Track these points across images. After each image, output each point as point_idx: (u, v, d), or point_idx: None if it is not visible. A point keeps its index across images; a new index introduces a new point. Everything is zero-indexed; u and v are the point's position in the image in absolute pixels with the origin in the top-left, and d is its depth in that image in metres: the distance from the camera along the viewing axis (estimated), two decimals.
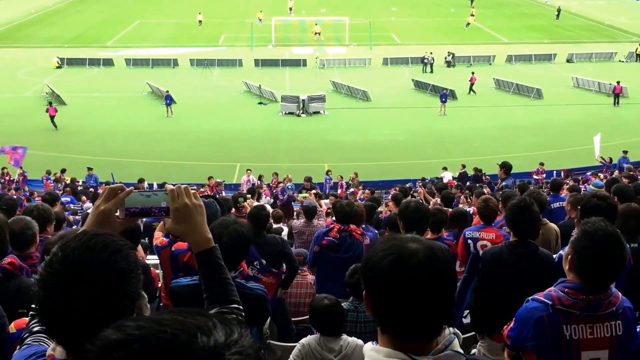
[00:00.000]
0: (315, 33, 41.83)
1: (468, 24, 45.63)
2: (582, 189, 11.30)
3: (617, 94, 27.94)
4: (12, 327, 2.77)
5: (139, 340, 0.82)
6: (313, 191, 13.44)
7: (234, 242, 2.94)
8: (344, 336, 3.63)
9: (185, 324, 0.84)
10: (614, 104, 27.83)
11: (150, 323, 0.84)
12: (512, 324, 2.67)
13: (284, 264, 5.47)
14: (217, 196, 8.23)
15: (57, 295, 1.32)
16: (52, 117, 24.32)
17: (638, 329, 2.52)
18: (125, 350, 0.81)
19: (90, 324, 1.23)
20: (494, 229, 5.17)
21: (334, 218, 6.15)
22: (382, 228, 8.04)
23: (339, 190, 17.46)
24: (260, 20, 44.04)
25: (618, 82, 28.11)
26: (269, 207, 9.15)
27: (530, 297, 2.62)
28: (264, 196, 15.95)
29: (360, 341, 3.59)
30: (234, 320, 0.90)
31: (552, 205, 7.10)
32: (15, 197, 9.27)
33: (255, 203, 10.38)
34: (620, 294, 2.54)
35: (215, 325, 0.85)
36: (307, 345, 3.62)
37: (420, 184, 16.04)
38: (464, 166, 18.71)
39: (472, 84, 29.50)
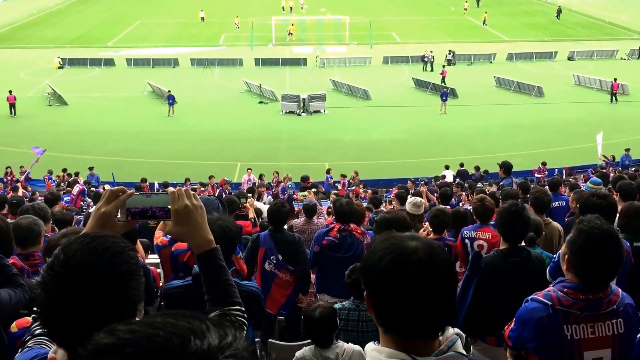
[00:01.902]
0: (289, 33, 41.75)
1: (484, 22, 45.43)
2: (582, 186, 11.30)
3: (614, 92, 27.84)
4: (14, 327, 2.77)
5: (131, 345, 0.81)
6: (313, 189, 13.40)
7: (220, 240, 2.94)
8: (340, 343, 3.59)
9: (178, 327, 0.83)
10: (611, 101, 27.77)
11: (142, 327, 0.82)
12: (512, 325, 2.65)
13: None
14: (224, 196, 8.22)
15: (58, 298, 1.32)
16: (12, 105, 25.69)
17: None
18: (117, 355, 0.80)
19: (91, 327, 1.24)
20: (490, 229, 5.14)
21: (334, 217, 6.13)
22: None
23: (340, 188, 17.44)
24: (237, 26, 44.12)
25: (615, 80, 28.05)
26: (261, 204, 9.15)
27: (529, 297, 2.59)
28: (266, 195, 15.92)
29: (356, 347, 3.56)
30: (229, 323, 0.88)
31: (552, 204, 7.08)
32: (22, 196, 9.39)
33: (256, 202, 10.38)
34: (620, 291, 2.51)
35: (209, 328, 0.84)
36: (302, 359, 3.59)
37: (423, 182, 15.98)
38: (462, 165, 18.68)
39: (443, 77, 30.37)
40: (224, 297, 1.89)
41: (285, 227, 8.35)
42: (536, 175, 18.37)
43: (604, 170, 16.35)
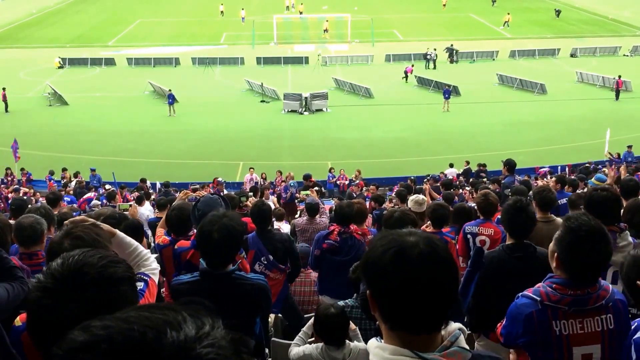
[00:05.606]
0: (325, 30, 41.89)
1: (506, 22, 45.06)
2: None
3: (618, 89, 27.76)
4: (18, 321, 2.74)
5: (106, 341, 0.80)
6: (315, 188, 13.38)
7: (225, 238, 2.90)
8: (347, 342, 3.56)
9: (153, 320, 0.82)
10: (616, 98, 27.70)
11: (117, 322, 0.82)
12: (504, 322, 2.65)
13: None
14: (222, 194, 8.20)
15: (50, 294, 1.36)
16: (4, 102, 26.47)
17: (634, 324, 2.45)
18: (92, 352, 0.79)
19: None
20: (493, 225, 5.12)
21: (334, 218, 6.09)
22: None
23: (339, 184, 17.41)
24: (243, 19, 44.28)
25: (619, 77, 27.96)
26: (270, 203, 9.12)
27: (520, 294, 2.59)
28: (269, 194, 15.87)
29: (362, 345, 3.53)
30: (205, 312, 0.87)
31: (559, 201, 7.04)
32: (25, 197, 9.39)
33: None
34: (610, 286, 2.49)
35: (185, 319, 0.83)
36: (307, 357, 3.57)
37: (426, 180, 15.95)
38: (468, 162, 18.66)
39: (407, 73, 31.05)
40: None
41: (287, 226, 8.35)
42: (540, 170, 18.29)
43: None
